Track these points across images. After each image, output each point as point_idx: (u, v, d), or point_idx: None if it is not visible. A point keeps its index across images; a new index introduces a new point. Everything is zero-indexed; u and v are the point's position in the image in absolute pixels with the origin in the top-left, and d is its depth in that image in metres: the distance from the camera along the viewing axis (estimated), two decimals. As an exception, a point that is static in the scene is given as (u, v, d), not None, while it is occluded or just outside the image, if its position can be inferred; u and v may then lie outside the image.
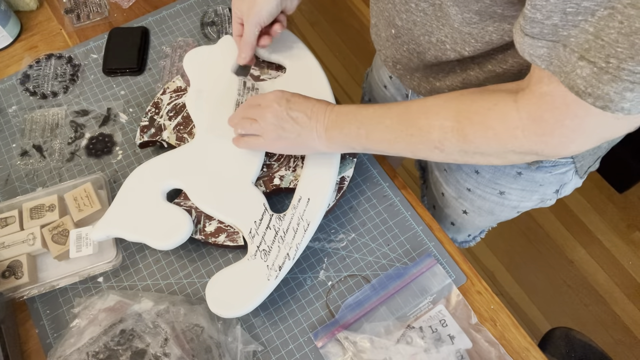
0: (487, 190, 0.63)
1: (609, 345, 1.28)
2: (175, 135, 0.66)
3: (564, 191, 0.62)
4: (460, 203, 0.68)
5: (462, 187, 0.66)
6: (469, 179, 0.63)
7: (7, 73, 0.78)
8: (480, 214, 0.67)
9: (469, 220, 0.69)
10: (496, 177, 0.60)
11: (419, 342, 0.54)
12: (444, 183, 0.69)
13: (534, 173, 0.58)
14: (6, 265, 0.58)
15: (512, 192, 0.61)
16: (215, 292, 0.54)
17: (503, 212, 0.65)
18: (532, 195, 0.62)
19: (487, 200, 0.64)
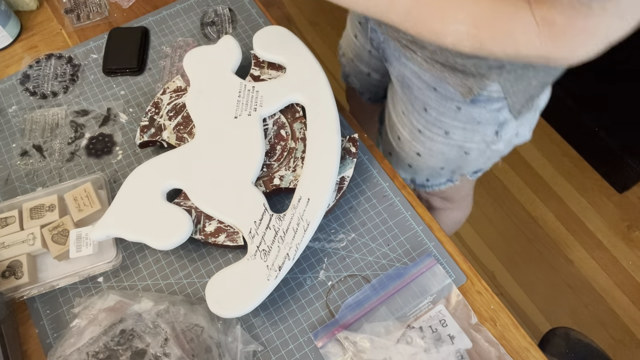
0: (434, 131, 0.66)
1: (609, 345, 1.28)
2: (175, 135, 0.66)
3: (504, 134, 0.64)
4: (414, 145, 0.71)
5: (414, 129, 0.69)
6: (420, 119, 0.66)
7: (7, 73, 0.78)
8: (432, 155, 0.70)
9: (424, 161, 0.72)
10: (440, 115, 0.63)
11: (419, 342, 0.54)
12: (401, 127, 0.72)
13: (470, 108, 0.60)
14: (6, 265, 0.58)
15: (456, 131, 0.64)
16: (215, 292, 0.54)
17: (451, 152, 0.68)
18: (473, 135, 0.64)
19: (436, 142, 0.67)
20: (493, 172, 1.55)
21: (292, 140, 0.65)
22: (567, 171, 1.54)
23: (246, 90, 0.67)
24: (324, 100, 0.65)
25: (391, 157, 0.78)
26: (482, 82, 0.56)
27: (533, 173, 1.54)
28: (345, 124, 0.71)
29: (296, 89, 0.67)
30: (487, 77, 0.56)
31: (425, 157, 0.71)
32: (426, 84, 0.62)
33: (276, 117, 0.67)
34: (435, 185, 0.79)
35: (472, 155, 0.69)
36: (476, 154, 0.69)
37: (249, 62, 0.73)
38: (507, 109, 0.60)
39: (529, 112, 0.64)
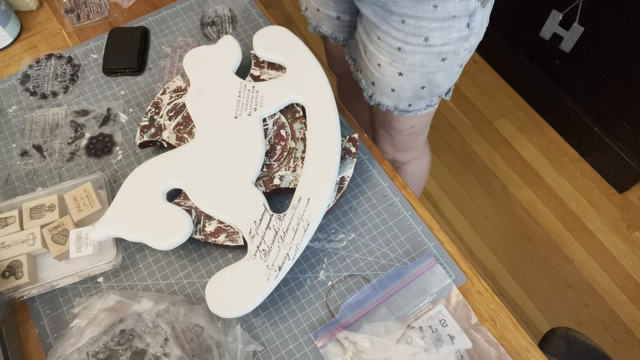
0: (414, 42, 0.68)
1: (609, 345, 1.28)
2: (175, 135, 0.66)
3: (474, 25, 0.68)
4: (395, 66, 0.73)
5: (393, 49, 0.71)
6: (398, 34, 0.69)
7: (7, 73, 0.78)
8: (413, 70, 0.73)
9: (405, 80, 0.75)
10: (419, 20, 0.66)
11: (419, 342, 0.54)
12: (378, 53, 0.74)
13: (446, 3, 0.64)
14: (6, 265, 0.58)
15: (434, 34, 0.67)
16: (215, 292, 0.54)
17: (431, 61, 0.71)
18: (450, 34, 0.67)
19: (416, 54, 0.70)
20: (493, 172, 1.55)
21: (292, 140, 0.65)
22: (567, 171, 1.54)
23: (246, 90, 0.67)
24: (324, 100, 0.65)
25: (374, 87, 0.81)
26: None
27: (533, 173, 1.54)
28: (345, 124, 0.71)
29: (296, 89, 0.67)
30: None
31: (407, 75, 0.74)
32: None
33: (276, 117, 0.67)
34: (417, 109, 0.82)
35: (449, 61, 0.72)
36: (451, 58, 0.72)
37: (249, 62, 0.73)
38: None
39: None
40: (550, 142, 1.59)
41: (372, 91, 0.82)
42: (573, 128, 1.54)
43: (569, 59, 1.42)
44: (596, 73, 1.37)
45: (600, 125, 1.44)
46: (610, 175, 1.50)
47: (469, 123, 1.66)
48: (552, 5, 1.34)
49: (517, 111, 1.66)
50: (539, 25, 1.41)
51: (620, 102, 1.35)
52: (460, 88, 1.72)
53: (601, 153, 1.48)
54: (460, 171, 1.57)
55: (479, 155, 1.59)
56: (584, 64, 1.39)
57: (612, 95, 1.36)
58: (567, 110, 1.52)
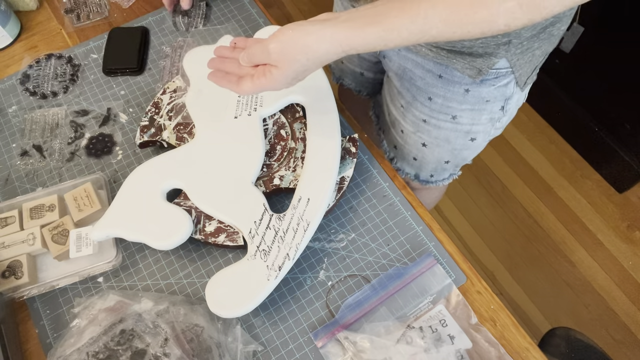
0: (440, 118, 0.66)
1: (609, 345, 1.28)
2: (175, 135, 0.66)
3: (508, 108, 0.65)
4: (419, 136, 0.71)
5: (418, 120, 0.68)
6: (424, 109, 0.66)
7: (7, 73, 0.78)
8: (438, 144, 0.70)
9: (429, 152, 0.72)
10: (447, 100, 0.63)
11: (419, 342, 0.54)
12: (402, 120, 0.72)
13: (479, 88, 0.60)
14: (6, 265, 0.58)
15: (463, 114, 0.64)
16: (215, 292, 0.54)
17: (458, 139, 0.68)
18: (481, 116, 0.64)
19: (442, 129, 0.67)
20: (493, 172, 1.55)
21: (292, 140, 0.65)
22: (567, 171, 1.54)
23: (246, 90, 0.67)
24: (324, 100, 0.65)
25: (397, 150, 0.78)
26: (490, 60, 0.57)
27: (533, 173, 1.54)
28: (345, 124, 0.71)
29: (296, 89, 0.66)
30: (495, 55, 0.56)
31: (431, 147, 0.71)
32: (431, 73, 0.62)
33: (276, 117, 0.67)
34: (439, 181, 0.79)
35: (478, 140, 0.69)
36: (481, 138, 0.69)
37: (249, 62, 0.73)
38: (514, 83, 0.61)
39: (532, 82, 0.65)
40: (550, 142, 1.59)
41: (394, 155, 0.79)
42: (573, 128, 1.54)
43: (569, 59, 1.42)
44: (596, 73, 1.37)
45: (601, 125, 1.44)
46: (610, 175, 1.50)
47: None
48: (552, 5, 1.33)
49: (517, 111, 1.66)
50: (539, 25, 1.41)
51: (621, 102, 1.35)
52: (460, 88, 1.72)
53: (601, 153, 1.48)
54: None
55: (479, 155, 1.58)
56: (584, 64, 1.39)
57: (612, 95, 1.36)
58: (567, 110, 1.51)
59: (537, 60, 0.61)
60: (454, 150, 0.71)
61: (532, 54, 0.58)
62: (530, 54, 0.58)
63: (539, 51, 0.59)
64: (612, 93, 1.36)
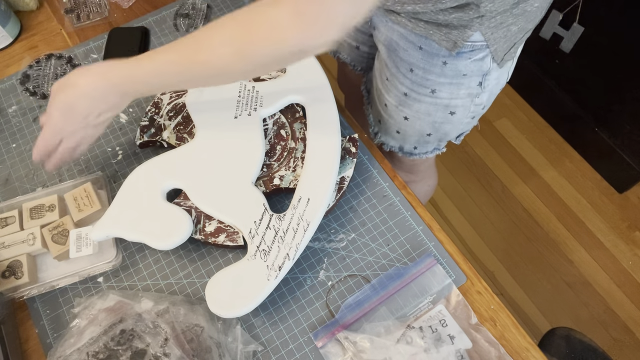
0: (420, 91, 0.67)
1: (609, 345, 1.28)
2: (175, 135, 0.66)
3: (487, 84, 0.66)
4: (401, 110, 0.72)
5: (400, 94, 0.70)
6: (405, 81, 0.68)
7: (7, 73, 0.78)
8: (419, 117, 0.72)
9: (411, 125, 0.74)
10: (426, 73, 0.65)
11: (419, 342, 0.54)
12: (386, 94, 0.73)
13: (456, 61, 0.62)
14: (6, 265, 0.58)
15: (442, 88, 0.66)
16: (215, 292, 0.54)
17: (438, 112, 0.70)
18: (459, 90, 0.66)
19: (422, 102, 0.69)
20: (493, 172, 1.55)
21: (292, 140, 0.65)
22: (567, 171, 1.54)
23: (246, 90, 0.67)
24: (324, 100, 0.65)
25: (380, 125, 0.80)
26: (465, 33, 0.58)
27: (533, 173, 1.54)
28: (345, 124, 0.71)
29: (296, 89, 0.67)
30: (469, 27, 0.58)
31: (412, 121, 0.73)
32: (412, 44, 0.63)
33: (276, 117, 0.67)
34: (422, 153, 0.81)
35: (458, 115, 0.71)
36: (461, 113, 0.71)
37: (249, 62, 0.73)
38: (490, 57, 0.62)
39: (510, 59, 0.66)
40: (550, 142, 1.59)
41: (378, 129, 0.81)
42: (573, 128, 1.54)
43: (569, 59, 1.42)
44: (596, 73, 1.37)
45: (601, 125, 1.44)
46: (610, 175, 1.50)
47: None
48: (552, 5, 1.34)
49: (517, 111, 1.66)
50: (539, 25, 1.41)
51: (621, 102, 1.35)
52: (460, 88, 1.72)
53: (601, 153, 1.48)
54: (460, 171, 1.56)
55: (479, 155, 1.59)
56: (584, 64, 1.39)
57: (612, 95, 1.36)
58: (567, 110, 1.51)
59: (515, 37, 0.63)
60: (434, 123, 0.72)
61: (506, 29, 0.60)
62: (504, 29, 0.60)
63: (515, 27, 0.60)
64: (612, 93, 1.36)
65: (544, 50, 1.48)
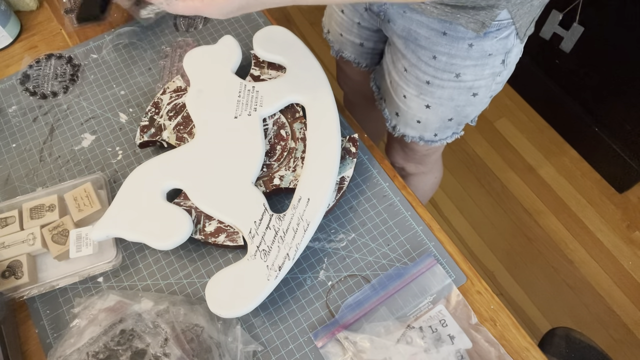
0: (444, 77, 0.67)
1: (609, 345, 1.28)
2: (175, 135, 0.66)
3: (509, 61, 0.66)
4: (422, 99, 0.72)
5: (421, 82, 0.69)
6: (428, 69, 0.67)
7: (7, 73, 0.78)
8: (441, 104, 0.71)
9: (433, 113, 0.74)
10: (451, 58, 0.64)
11: (419, 342, 0.54)
12: (405, 85, 0.73)
13: (483, 42, 0.62)
14: (6, 265, 0.58)
15: (467, 70, 0.66)
16: (215, 292, 0.54)
17: (461, 95, 0.69)
18: (483, 71, 0.66)
19: (446, 88, 0.68)
20: (493, 172, 1.55)
21: (292, 140, 0.65)
22: (567, 171, 1.54)
23: (246, 90, 0.67)
24: (324, 100, 0.65)
25: (399, 117, 0.79)
26: (493, 12, 0.58)
27: (533, 173, 1.54)
28: (345, 124, 0.71)
29: (296, 89, 0.67)
30: (497, 6, 0.58)
31: (434, 108, 0.72)
32: (434, 31, 0.63)
33: (276, 117, 0.67)
34: (442, 139, 0.81)
35: (480, 95, 0.70)
36: (483, 93, 0.70)
37: (249, 62, 0.73)
38: (514, 34, 0.63)
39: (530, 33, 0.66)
40: (550, 142, 1.59)
41: (396, 122, 0.80)
42: (573, 128, 1.54)
43: (569, 59, 1.42)
44: (596, 73, 1.37)
45: (601, 125, 1.44)
46: (610, 175, 1.50)
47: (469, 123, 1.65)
48: (552, 5, 1.34)
49: (517, 111, 1.66)
50: (539, 25, 1.41)
51: (621, 102, 1.35)
52: (460, 88, 1.72)
53: (601, 153, 1.48)
54: (460, 171, 1.57)
55: (479, 155, 1.59)
56: (584, 64, 1.39)
57: (612, 95, 1.36)
58: (567, 110, 1.51)
59: (535, 12, 0.63)
60: (457, 107, 0.72)
61: (530, 4, 0.60)
62: (528, 4, 0.60)
63: (537, 1, 0.61)
64: (612, 93, 1.36)
65: (544, 50, 1.48)
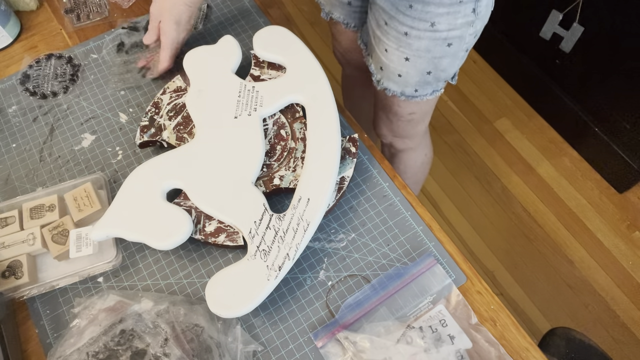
0: (420, 27, 0.70)
1: (609, 345, 1.28)
2: (175, 135, 0.66)
3: (479, 10, 0.69)
4: (402, 51, 0.75)
5: (400, 34, 0.72)
6: (405, 19, 0.70)
7: (7, 73, 0.78)
8: (419, 56, 0.74)
9: (412, 65, 0.76)
10: (425, 5, 0.67)
11: (419, 342, 0.54)
12: (385, 39, 0.75)
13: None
14: (6, 265, 0.58)
15: (441, 19, 0.68)
16: (215, 292, 0.54)
17: (437, 47, 0.72)
18: (456, 20, 0.69)
19: (423, 39, 0.71)
20: (493, 172, 1.55)
21: (292, 140, 0.65)
22: (567, 171, 1.54)
23: (246, 90, 0.67)
24: (324, 100, 0.65)
25: (382, 71, 0.82)
26: None
27: (533, 173, 1.54)
28: (345, 124, 0.71)
29: (296, 89, 0.67)
30: None
31: (413, 60, 0.75)
32: None
33: (276, 117, 0.67)
34: (423, 94, 0.83)
35: (454, 47, 0.73)
36: (457, 44, 0.73)
37: (249, 62, 0.73)
38: None
39: None
40: (550, 142, 1.59)
41: (380, 76, 0.83)
42: (573, 128, 1.54)
43: (569, 59, 1.42)
44: (596, 73, 1.37)
45: (601, 125, 1.44)
46: (610, 175, 1.50)
47: (469, 123, 1.65)
48: (552, 5, 1.34)
49: (517, 111, 1.66)
50: (539, 25, 1.41)
51: (621, 102, 1.35)
52: (460, 88, 1.72)
53: (601, 153, 1.48)
54: (460, 171, 1.57)
55: (479, 155, 1.59)
56: (584, 64, 1.39)
57: (612, 95, 1.36)
58: (567, 110, 1.52)
59: None
60: (433, 59, 0.75)
61: None
62: None
63: None
64: (612, 93, 1.36)
65: (544, 50, 1.48)
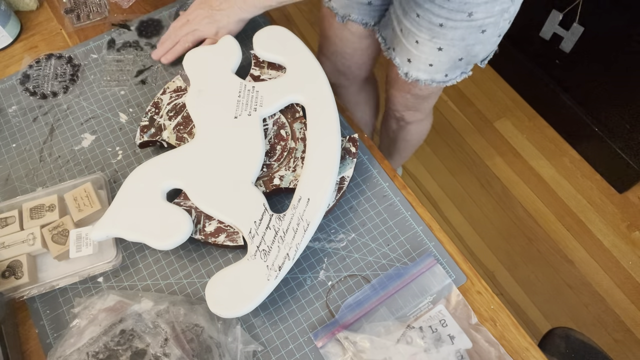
0: (457, 17, 0.69)
1: (609, 345, 1.28)
2: (175, 135, 0.66)
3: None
4: (435, 42, 0.74)
5: (434, 26, 0.72)
6: (442, 11, 0.69)
7: (7, 73, 0.78)
8: (453, 45, 0.74)
9: (445, 55, 0.76)
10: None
11: (419, 342, 0.54)
12: (417, 31, 0.75)
13: None
14: (6, 265, 0.58)
15: (479, 9, 0.68)
16: (215, 292, 0.54)
17: (471, 34, 0.72)
18: (494, 8, 0.68)
19: (458, 29, 0.71)
20: (493, 172, 1.55)
21: (292, 140, 0.65)
22: (567, 171, 1.54)
23: (246, 90, 0.67)
24: (324, 100, 0.65)
25: (411, 64, 0.81)
26: None
27: (533, 173, 1.54)
28: (345, 124, 0.71)
29: (296, 89, 0.67)
30: None
31: (446, 50, 0.75)
32: None
33: (276, 117, 0.67)
34: (452, 79, 0.83)
35: (487, 32, 0.73)
36: (491, 30, 0.73)
37: (249, 62, 0.73)
38: None
39: None
40: (550, 142, 1.59)
41: (408, 68, 0.82)
42: (573, 128, 1.54)
43: (569, 59, 1.42)
44: (596, 73, 1.37)
45: (600, 125, 1.44)
46: (610, 175, 1.50)
47: (469, 123, 1.66)
48: (552, 5, 1.34)
49: (517, 111, 1.66)
50: (539, 25, 1.41)
51: (621, 102, 1.35)
52: (460, 88, 1.72)
53: (601, 153, 1.48)
54: (460, 171, 1.57)
55: (479, 155, 1.59)
56: (584, 64, 1.39)
57: (612, 95, 1.36)
58: (567, 110, 1.52)
59: None
60: (467, 46, 0.74)
61: None
62: None
63: None
64: (612, 93, 1.36)
65: (544, 50, 1.48)
